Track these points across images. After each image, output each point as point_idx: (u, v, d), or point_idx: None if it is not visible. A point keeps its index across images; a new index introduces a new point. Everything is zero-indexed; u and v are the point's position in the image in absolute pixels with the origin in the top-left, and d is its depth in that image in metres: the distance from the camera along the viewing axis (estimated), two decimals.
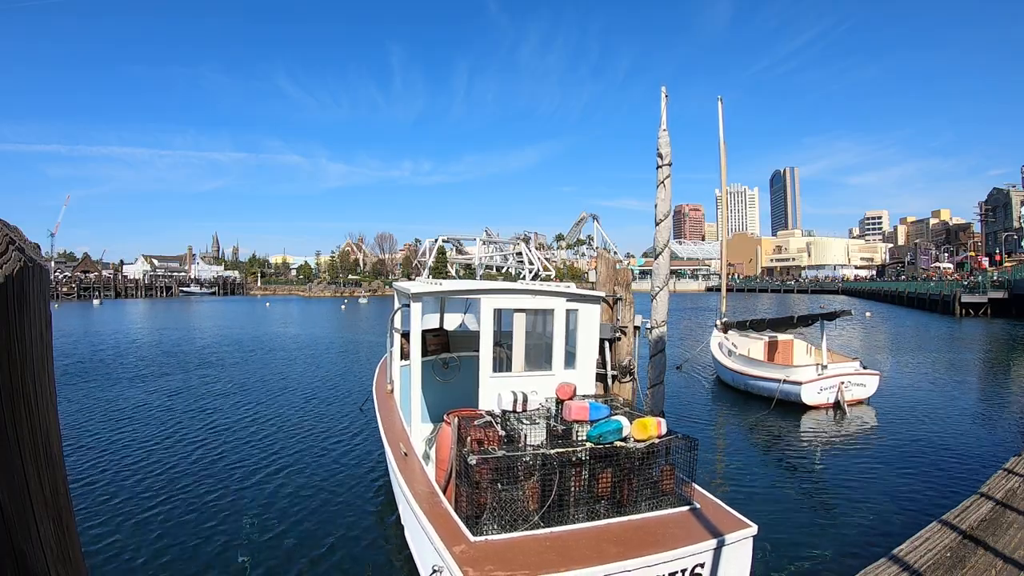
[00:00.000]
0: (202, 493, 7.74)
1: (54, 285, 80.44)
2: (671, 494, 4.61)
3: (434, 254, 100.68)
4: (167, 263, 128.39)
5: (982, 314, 42.21)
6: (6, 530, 0.98)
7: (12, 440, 1.00)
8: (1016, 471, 6.11)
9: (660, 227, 6.38)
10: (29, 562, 1.03)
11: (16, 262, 0.98)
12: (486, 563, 3.64)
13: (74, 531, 1.23)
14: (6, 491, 0.98)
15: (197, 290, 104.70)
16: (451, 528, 4.10)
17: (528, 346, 6.46)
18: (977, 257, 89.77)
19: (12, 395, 0.99)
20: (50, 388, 1.14)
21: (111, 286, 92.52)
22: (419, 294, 6.24)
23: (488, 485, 4.17)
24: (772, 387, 13.11)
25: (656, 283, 6.48)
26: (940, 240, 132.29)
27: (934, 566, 4.21)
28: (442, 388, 7.81)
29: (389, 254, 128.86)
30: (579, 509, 4.39)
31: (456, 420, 4.82)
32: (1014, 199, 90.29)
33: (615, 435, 4.60)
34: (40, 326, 1.09)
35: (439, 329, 8.97)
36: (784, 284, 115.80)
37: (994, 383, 17.24)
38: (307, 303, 75.33)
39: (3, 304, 0.96)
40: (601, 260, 10.04)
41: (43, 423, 1.10)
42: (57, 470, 1.15)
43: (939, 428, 11.16)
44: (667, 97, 6.41)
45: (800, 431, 11.37)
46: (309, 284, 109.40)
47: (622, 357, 9.27)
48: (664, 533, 4.14)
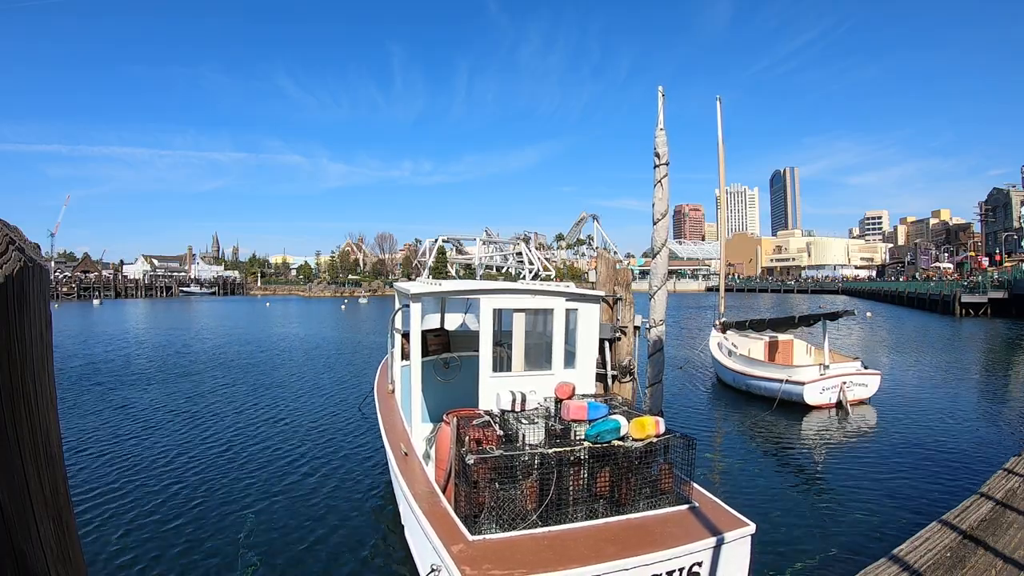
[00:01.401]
0: (202, 492, 7.74)
1: (54, 285, 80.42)
2: (669, 493, 4.61)
3: (434, 254, 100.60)
4: (167, 263, 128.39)
5: (982, 314, 42.20)
6: (6, 530, 0.98)
7: (12, 440, 1.00)
8: (1016, 471, 6.11)
9: (658, 226, 6.37)
10: (29, 562, 1.03)
11: (16, 262, 0.98)
12: (484, 562, 3.63)
13: (74, 531, 1.23)
14: (6, 491, 0.98)
15: (197, 290, 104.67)
16: (449, 527, 4.10)
17: (528, 346, 6.46)
18: (977, 257, 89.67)
19: (12, 395, 1.00)
20: (50, 388, 1.14)
21: (111, 286, 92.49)
22: (419, 294, 6.25)
23: (486, 485, 4.17)
24: (774, 387, 13.08)
25: (654, 282, 6.48)
26: (940, 240, 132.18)
27: (934, 566, 4.21)
28: (443, 388, 7.81)
29: (389, 254, 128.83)
30: (577, 508, 4.38)
31: (455, 420, 4.83)
32: (1014, 199, 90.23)
33: (613, 434, 4.59)
34: (40, 326, 1.09)
35: (440, 329, 8.97)
36: (784, 284, 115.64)
37: (994, 383, 17.23)
38: (307, 303, 75.29)
39: (3, 304, 0.96)
40: (601, 260, 10.04)
41: (43, 423, 1.10)
42: (57, 470, 1.15)
43: (939, 428, 11.16)
44: (664, 97, 6.40)
45: (801, 431, 11.36)
46: (309, 284, 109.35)
47: (622, 357, 9.27)
48: (662, 532, 4.14)
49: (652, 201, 6.38)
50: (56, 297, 78.24)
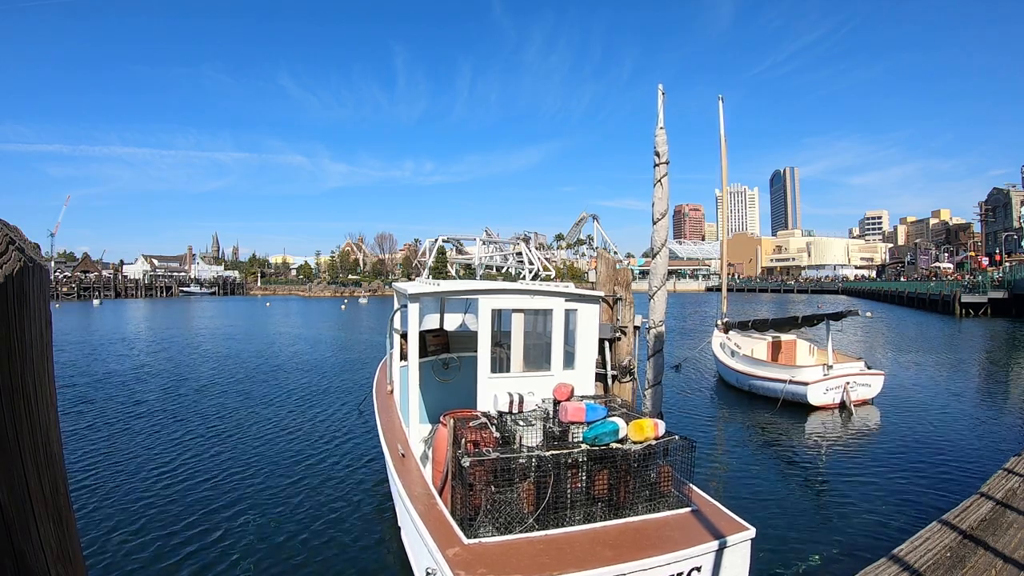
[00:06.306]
0: (201, 492, 7.74)
1: (54, 285, 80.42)
2: (669, 496, 4.56)
3: (434, 254, 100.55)
4: (167, 263, 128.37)
5: (982, 314, 42.18)
6: (6, 530, 0.98)
7: (12, 440, 1.00)
8: (1016, 471, 6.11)
9: (658, 226, 6.36)
10: (29, 562, 1.03)
11: (16, 262, 0.98)
12: (479, 566, 3.59)
13: (74, 531, 1.23)
14: (6, 491, 0.98)
15: (197, 290, 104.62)
16: (445, 530, 4.06)
17: (527, 346, 6.44)
18: (977, 257, 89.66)
19: (12, 395, 0.99)
20: (50, 388, 1.14)
21: (111, 286, 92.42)
22: (417, 295, 6.23)
23: (483, 487, 4.13)
24: (777, 388, 13.04)
25: (654, 282, 6.46)
26: (940, 240, 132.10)
27: (934, 566, 4.21)
28: (442, 388, 7.80)
29: (389, 254, 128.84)
30: (575, 511, 4.34)
31: (452, 421, 4.81)
32: (1014, 199, 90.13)
33: (611, 436, 4.53)
34: (40, 326, 1.09)
35: (439, 329, 8.96)
36: (784, 284, 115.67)
37: (994, 383, 17.23)
38: (307, 303, 75.27)
39: (3, 304, 0.96)
40: (601, 260, 10.03)
41: (43, 423, 1.10)
42: (57, 470, 1.15)
43: (940, 428, 11.16)
44: (664, 95, 6.39)
45: (804, 432, 11.34)
46: (309, 284, 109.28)
47: (622, 357, 9.26)
48: (661, 535, 4.10)
49: (652, 200, 6.37)
50: (56, 297, 78.20)
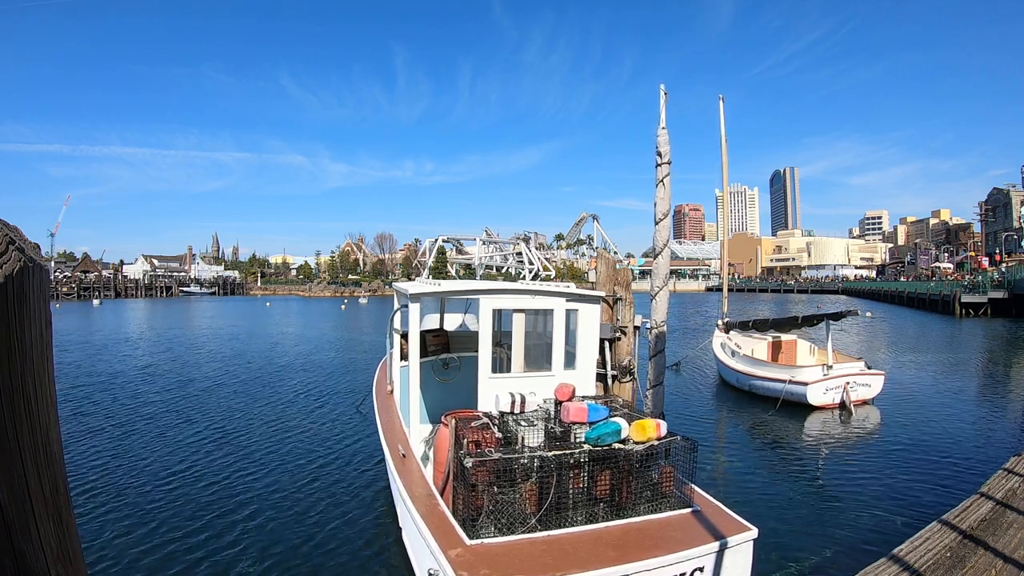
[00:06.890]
0: (202, 492, 7.74)
1: (54, 285, 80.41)
2: (671, 496, 4.56)
3: (434, 254, 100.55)
4: (167, 263, 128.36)
5: (982, 314, 42.19)
6: (6, 530, 0.98)
7: (12, 440, 0.99)
8: (1016, 471, 6.10)
9: (659, 226, 6.35)
10: (29, 562, 1.02)
11: (16, 262, 0.98)
12: (481, 567, 3.58)
13: (74, 531, 1.23)
14: (6, 491, 0.98)
15: (197, 290, 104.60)
16: (447, 531, 4.05)
17: (528, 346, 6.43)
18: (977, 257, 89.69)
19: (12, 395, 0.99)
20: (50, 388, 1.14)
21: (111, 286, 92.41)
22: (417, 295, 6.23)
23: (485, 488, 4.12)
24: (777, 388, 13.05)
25: (656, 283, 6.46)
26: (940, 240, 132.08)
27: (934, 566, 4.20)
28: (442, 389, 7.80)
29: (389, 254, 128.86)
30: (577, 512, 4.33)
31: (453, 421, 4.80)
32: (1014, 199, 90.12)
33: (613, 437, 4.54)
34: (40, 326, 1.09)
35: (439, 329, 8.96)
36: (784, 284, 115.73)
37: (994, 383, 17.23)
38: (307, 303, 75.27)
39: (3, 304, 0.96)
40: (601, 260, 10.03)
41: (43, 423, 1.09)
42: (57, 470, 1.15)
43: (940, 428, 11.16)
44: (666, 95, 6.37)
45: (805, 432, 11.35)
46: (309, 284, 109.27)
47: (622, 357, 9.26)
48: (663, 536, 4.10)
49: (654, 201, 6.36)
50: (56, 297, 78.19)
